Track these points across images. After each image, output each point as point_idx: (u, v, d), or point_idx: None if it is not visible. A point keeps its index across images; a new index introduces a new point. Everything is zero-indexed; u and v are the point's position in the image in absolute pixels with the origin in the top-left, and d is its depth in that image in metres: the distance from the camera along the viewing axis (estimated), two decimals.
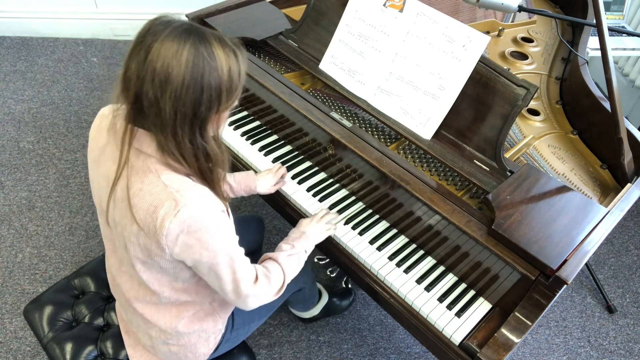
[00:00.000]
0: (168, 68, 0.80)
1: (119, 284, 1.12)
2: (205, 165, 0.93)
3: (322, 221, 1.29)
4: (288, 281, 1.15)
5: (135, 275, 1.02)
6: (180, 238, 0.89)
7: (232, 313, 1.22)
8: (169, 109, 0.82)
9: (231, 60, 0.85)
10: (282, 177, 1.42)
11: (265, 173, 1.39)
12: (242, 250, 1.01)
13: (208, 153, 0.91)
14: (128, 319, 1.18)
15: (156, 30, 0.81)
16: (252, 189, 1.35)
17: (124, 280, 1.09)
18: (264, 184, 1.37)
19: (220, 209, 0.94)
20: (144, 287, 1.03)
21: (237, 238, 1.00)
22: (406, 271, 1.27)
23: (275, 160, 1.50)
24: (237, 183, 1.33)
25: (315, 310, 1.75)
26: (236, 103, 0.93)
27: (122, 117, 0.89)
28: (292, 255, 1.18)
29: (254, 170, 1.49)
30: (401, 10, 1.32)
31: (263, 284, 1.07)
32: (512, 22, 1.89)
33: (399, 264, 1.28)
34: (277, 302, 1.36)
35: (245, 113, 1.65)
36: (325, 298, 1.77)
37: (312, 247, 1.26)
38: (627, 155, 1.27)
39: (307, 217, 1.37)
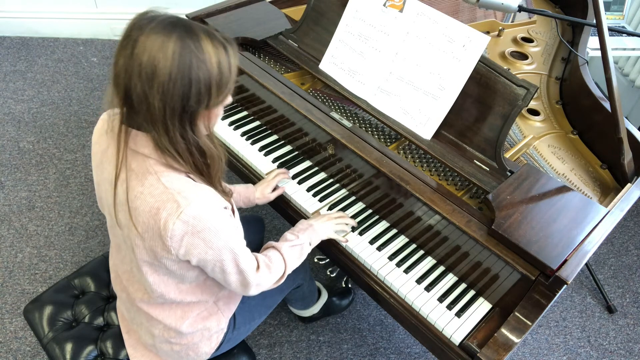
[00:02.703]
0: (154, 61, 0.78)
1: (125, 284, 1.12)
2: (201, 161, 0.92)
3: (330, 220, 1.29)
4: (289, 271, 1.16)
5: (141, 278, 1.02)
6: (185, 239, 0.89)
7: (234, 313, 1.22)
8: (158, 103, 0.81)
9: (220, 54, 0.84)
10: (284, 177, 1.42)
11: (263, 183, 1.40)
12: (244, 242, 1.02)
13: (201, 148, 0.90)
14: (130, 317, 1.18)
15: (142, 24, 0.80)
16: (252, 200, 1.37)
17: (130, 281, 1.10)
18: (261, 193, 1.38)
19: (223, 205, 0.94)
20: (150, 289, 1.04)
21: (241, 232, 1.01)
22: (406, 271, 1.27)
23: (275, 160, 1.50)
24: (237, 193, 1.35)
25: (315, 309, 1.75)
26: (229, 100, 0.92)
27: (117, 118, 0.89)
28: (295, 246, 1.18)
29: (256, 173, 1.49)
30: (401, 10, 1.32)
31: (264, 272, 1.08)
32: (512, 22, 1.89)
33: (399, 264, 1.28)
34: (276, 299, 1.37)
35: (245, 113, 1.65)
36: (324, 296, 1.77)
37: (318, 241, 1.26)
38: (627, 155, 1.27)
39: (306, 217, 1.38)
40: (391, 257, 1.29)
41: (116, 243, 1.10)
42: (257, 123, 1.62)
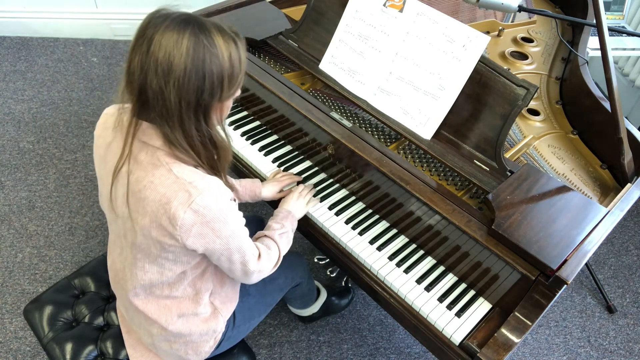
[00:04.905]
0: (170, 57, 0.82)
1: (121, 282, 1.12)
2: (212, 153, 0.96)
3: (302, 198, 1.34)
4: (282, 256, 1.21)
5: (138, 271, 1.03)
6: (194, 228, 0.91)
7: (234, 311, 1.23)
8: (174, 98, 0.85)
9: (231, 47, 0.88)
10: (292, 181, 1.42)
11: (270, 181, 1.40)
12: (247, 231, 1.05)
13: (214, 140, 0.95)
14: (129, 317, 1.19)
15: (156, 22, 0.84)
16: (257, 194, 1.37)
17: (125, 279, 1.10)
18: (269, 190, 1.38)
19: (230, 197, 0.98)
20: (144, 281, 1.05)
21: (244, 221, 1.04)
22: (406, 271, 1.27)
23: (275, 160, 1.50)
24: (242, 187, 1.35)
25: (315, 308, 1.75)
26: (239, 93, 0.96)
27: (127, 113, 0.92)
28: (283, 233, 1.24)
29: (256, 173, 1.49)
30: (401, 10, 1.32)
31: (265, 260, 1.13)
32: (512, 22, 1.89)
33: (399, 264, 1.28)
34: (275, 297, 1.38)
35: (245, 113, 1.65)
36: (323, 296, 1.78)
37: (296, 225, 1.32)
38: (627, 155, 1.27)
39: (306, 217, 1.38)
40: (391, 257, 1.29)
41: (113, 239, 1.12)
42: (257, 123, 1.62)
